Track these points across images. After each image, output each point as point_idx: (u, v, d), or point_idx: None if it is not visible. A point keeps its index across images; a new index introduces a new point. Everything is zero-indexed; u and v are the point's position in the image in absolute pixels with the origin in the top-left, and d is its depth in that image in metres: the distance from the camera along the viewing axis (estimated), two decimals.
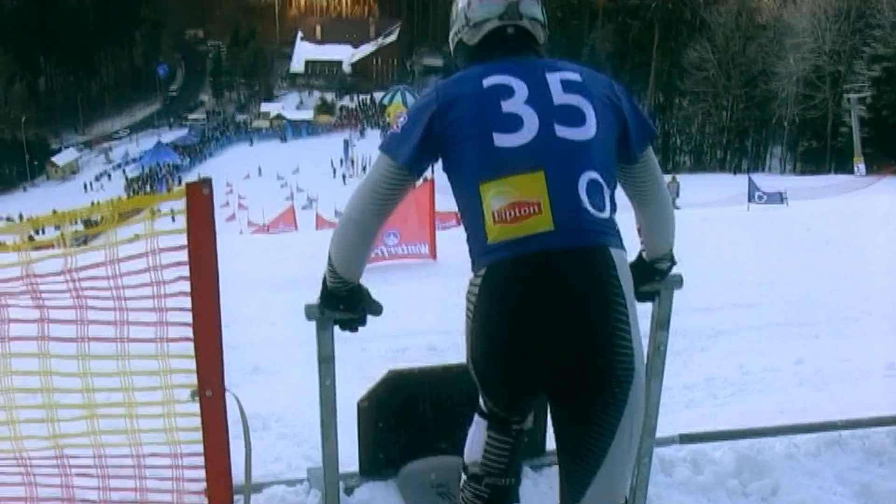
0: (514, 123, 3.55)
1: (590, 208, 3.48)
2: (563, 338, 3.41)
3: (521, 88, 3.62)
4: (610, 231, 3.55)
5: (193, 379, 3.71)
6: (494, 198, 3.50)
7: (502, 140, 3.53)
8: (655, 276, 4.43)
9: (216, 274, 3.55)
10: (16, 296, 3.68)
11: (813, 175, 70.15)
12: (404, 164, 3.70)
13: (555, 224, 3.45)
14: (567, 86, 3.66)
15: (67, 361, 3.76)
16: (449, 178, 3.73)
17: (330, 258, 3.99)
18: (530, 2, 3.94)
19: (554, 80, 3.66)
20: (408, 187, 3.81)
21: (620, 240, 3.58)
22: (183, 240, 3.48)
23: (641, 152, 3.92)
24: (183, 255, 3.51)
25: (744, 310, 12.04)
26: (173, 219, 3.56)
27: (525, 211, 3.47)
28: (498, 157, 3.53)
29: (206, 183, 3.47)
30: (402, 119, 3.78)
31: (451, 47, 4.26)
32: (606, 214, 3.55)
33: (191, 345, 3.64)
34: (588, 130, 3.59)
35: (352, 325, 4.21)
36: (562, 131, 3.55)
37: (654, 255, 4.34)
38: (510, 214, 3.48)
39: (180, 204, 3.49)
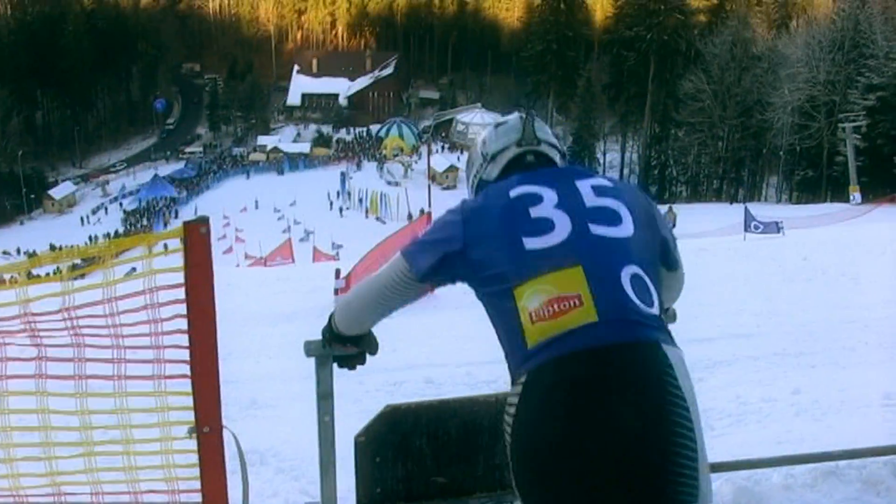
0: (544, 226, 3.29)
1: (637, 301, 3.16)
2: (618, 452, 2.92)
3: (550, 195, 3.39)
4: (662, 328, 3.22)
5: (191, 415, 3.72)
6: (529, 299, 3.16)
7: (533, 243, 3.25)
8: None
9: (214, 312, 3.57)
10: (13, 334, 3.69)
11: (809, 204, 70.21)
12: (419, 276, 3.53)
13: (599, 316, 3.09)
14: (598, 190, 3.44)
15: (65, 399, 3.77)
16: (481, 295, 3.44)
17: (333, 318, 3.93)
18: (543, 125, 3.85)
19: (584, 185, 3.45)
20: (419, 295, 3.68)
21: (674, 340, 3.23)
22: (180, 278, 3.50)
23: (678, 263, 3.80)
24: (180, 293, 3.53)
25: (741, 340, 12.04)
26: (167, 254, 3.59)
27: (565, 305, 3.12)
28: (530, 260, 3.22)
29: (204, 222, 3.50)
30: (429, 228, 3.60)
31: (472, 190, 3.97)
32: (655, 311, 3.22)
33: (188, 382, 3.66)
34: (625, 229, 3.33)
35: (350, 362, 4.09)
36: (597, 229, 3.29)
37: None
38: (548, 311, 3.12)
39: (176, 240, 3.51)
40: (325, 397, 4.26)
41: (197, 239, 3.46)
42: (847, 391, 9.06)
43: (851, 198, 62.55)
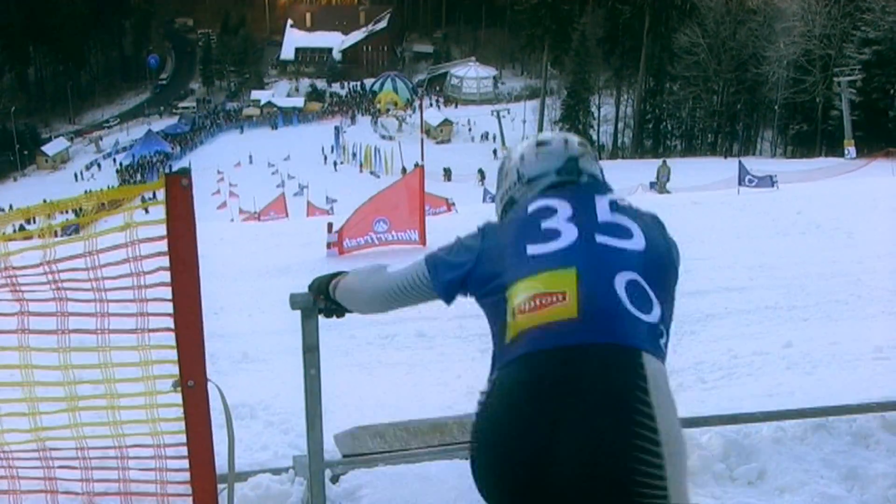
0: (550, 236, 3.21)
1: (628, 303, 3.01)
2: (570, 463, 2.76)
3: (564, 208, 3.30)
4: (651, 339, 3.00)
5: (175, 369, 3.70)
6: (519, 297, 3.08)
7: (535, 249, 3.18)
8: None
9: (196, 265, 3.54)
10: None
11: (803, 159, 70.13)
12: (438, 290, 3.49)
13: (580, 313, 2.95)
14: (616, 207, 3.34)
15: (48, 354, 3.75)
16: (483, 305, 3.36)
17: (335, 288, 3.96)
18: (590, 159, 3.62)
19: (602, 201, 3.35)
20: (426, 301, 3.69)
21: (662, 353, 3.06)
22: (162, 230, 3.47)
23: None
24: (163, 246, 3.50)
25: (733, 293, 12.02)
26: (146, 210, 3.55)
27: (547, 300, 3.01)
28: (529, 262, 3.15)
29: (185, 174, 3.46)
30: (453, 247, 3.54)
31: (499, 209, 3.78)
32: (653, 320, 3.04)
33: (172, 335, 3.63)
34: (636, 243, 3.21)
35: (335, 313, 4.08)
36: (602, 238, 3.18)
37: None
38: (530, 305, 3.03)
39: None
40: (311, 350, 4.24)
41: (178, 191, 3.42)
42: (839, 345, 9.05)
43: (846, 152, 62.52)
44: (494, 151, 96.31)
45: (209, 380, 3.76)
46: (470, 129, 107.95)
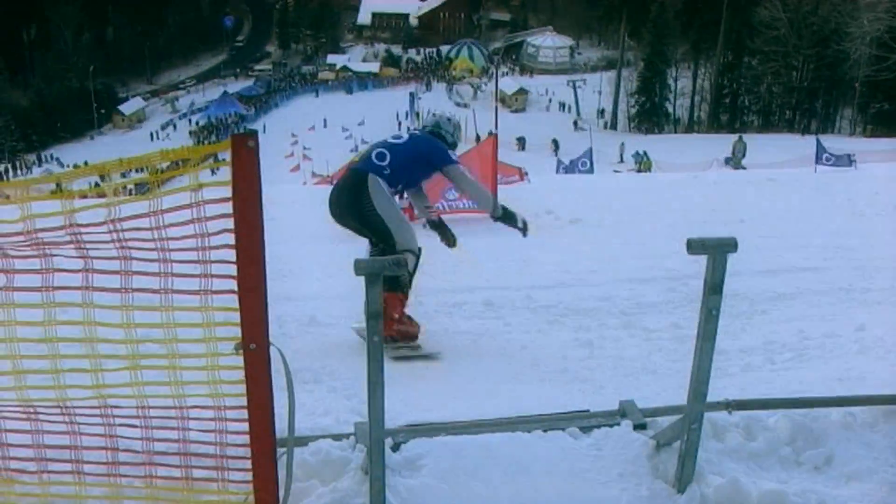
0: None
1: (374, 159, 8.35)
2: (336, 209, 8.51)
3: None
4: (377, 170, 8.25)
5: (237, 332, 3.68)
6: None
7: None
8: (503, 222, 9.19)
9: (261, 227, 3.51)
10: (60, 245, 3.66)
11: (883, 138, 68.96)
12: None
13: (357, 162, 8.73)
14: (413, 134, 9.10)
15: (111, 312, 3.74)
16: None
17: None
18: (437, 122, 9.22)
19: (414, 133, 9.20)
20: None
21: (382, 174, 8.24)
22: (227, 192, 3.44)
23: (441, 168, 8.74)
24: (228, 207, 3.47)
25: (807, 273, 11.80)
26: (213, 171, 3.52)
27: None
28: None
29: (252, 136, 3.43)
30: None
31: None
32: (384, 165, 8.31)
33: (235, 297, 3.61)
34: (400, 142, 8.71)
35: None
36: (390, 139, 8.80)
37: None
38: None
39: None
40: (374, 317, 4.19)
41: (244, 153, 3.39)
42: None
43: None
44: (575, 123, 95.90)
45: (271, 343, 3.74)
46: (550, 100, 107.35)
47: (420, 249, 8.35)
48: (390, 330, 8.15)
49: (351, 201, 8.16)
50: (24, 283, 3.83)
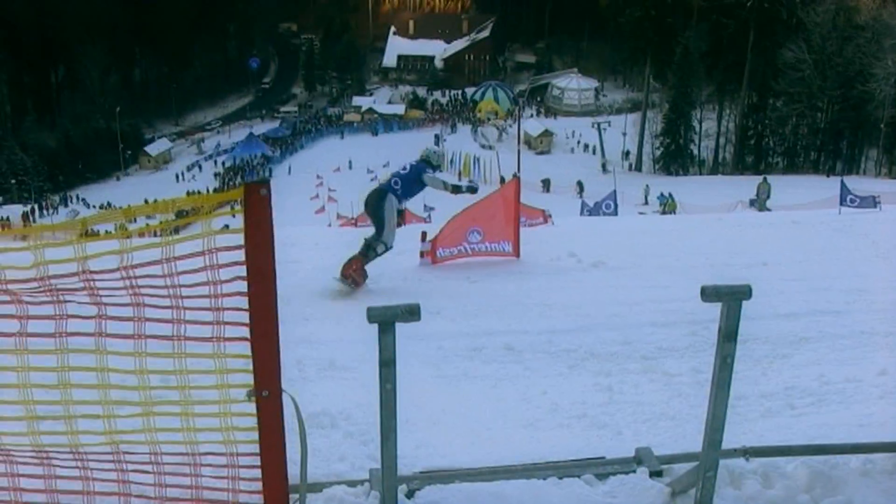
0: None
1: (391, 184, 13.91)
2: (367, 206, 14.07)
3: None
4: (392, 190, 13.75)
5: (250, 378, 3.69)
6: None
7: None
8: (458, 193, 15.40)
9: (273, 275, 3.52)
10: (74, 292, 3.67)
11: None
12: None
13: (384, 182, 14.38)
14: (413, 167, 14.33)
15: (124, 358, 3.75)
16: None
17: None
18: (431, 157, 15.12)
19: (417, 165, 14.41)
20: None
21: (395, 193, 13.76)
22: (240, 239, 3.45)
23: (423, 177, 14.05)
24: (240, 255, 3.48)
25: (829, 317, 11.71)
26: (234, 215, 3.54)
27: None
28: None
29: (265, 184, 3.44)
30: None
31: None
32: (397, 188, 13.80)
33: (247, 344, 3.62)
34: (405, 171, 14.22)
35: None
36: (401, 172, 14.30)
37: None
38: None
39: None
40: (387, 364, 4.20)
41: (257, 200, 3.41)
42: None
43: None
44: (603, 166, 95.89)
45: (284, 390, 3.74)
46: (578, 142, 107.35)
47: (391, 247, 13.94)
48: (348, 272, 13.23)
49: (374, 203, 13.83)
50: (39, 329, 3.85)
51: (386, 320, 4.08)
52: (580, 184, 78.20)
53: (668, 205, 60.89)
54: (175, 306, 3.62)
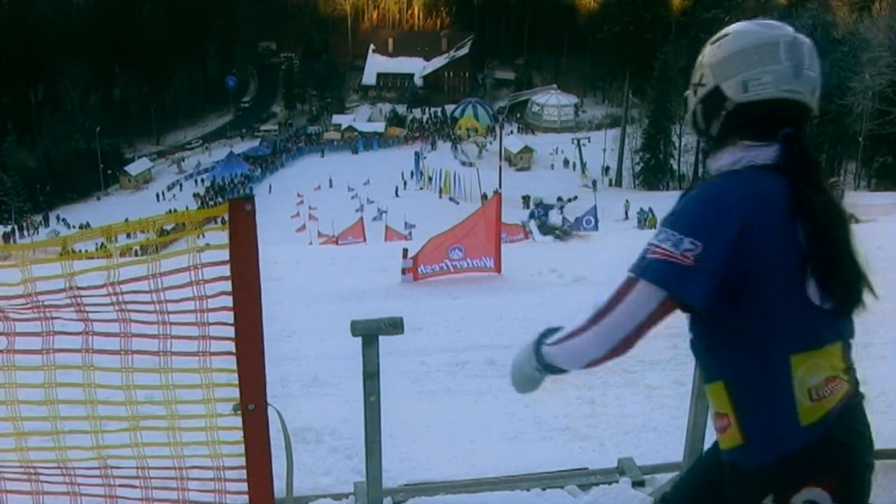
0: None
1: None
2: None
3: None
4: None
5: (236, 393, 3.72)
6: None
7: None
8: None
9: (258, 289, 3.56)
10: (60, 308, 3.71)
11: (887, 192, 69.06)
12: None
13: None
14: None
15: (111, 374, 3.79)
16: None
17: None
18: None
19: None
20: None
21: None
22: (225, 255, 3.49)
23: None
24: (225, 270, 3.53)
25: None
26: (200, 235, 3.59)
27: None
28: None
29: (249, 200, 3.49)
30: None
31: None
32: None
33: (233, 359, 3.66)
34: None
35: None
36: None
37: None
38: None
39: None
40: (370, 377, 4.25)
41: (241, 216, 3.45)
42: None
43: None
44: (594, 183, 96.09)
45: (269, 404, 3.78)
46: (562, 158, 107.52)
47: None
48: None
49: None
50: (25, 346, 3.88)
51: (369, 333, 4.14)
52: (560, 199, 78.64)
53: (648, 220, 61.07)
54: (161, 322, 3.66)
